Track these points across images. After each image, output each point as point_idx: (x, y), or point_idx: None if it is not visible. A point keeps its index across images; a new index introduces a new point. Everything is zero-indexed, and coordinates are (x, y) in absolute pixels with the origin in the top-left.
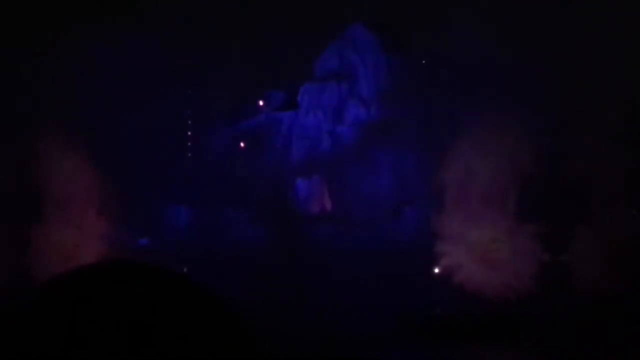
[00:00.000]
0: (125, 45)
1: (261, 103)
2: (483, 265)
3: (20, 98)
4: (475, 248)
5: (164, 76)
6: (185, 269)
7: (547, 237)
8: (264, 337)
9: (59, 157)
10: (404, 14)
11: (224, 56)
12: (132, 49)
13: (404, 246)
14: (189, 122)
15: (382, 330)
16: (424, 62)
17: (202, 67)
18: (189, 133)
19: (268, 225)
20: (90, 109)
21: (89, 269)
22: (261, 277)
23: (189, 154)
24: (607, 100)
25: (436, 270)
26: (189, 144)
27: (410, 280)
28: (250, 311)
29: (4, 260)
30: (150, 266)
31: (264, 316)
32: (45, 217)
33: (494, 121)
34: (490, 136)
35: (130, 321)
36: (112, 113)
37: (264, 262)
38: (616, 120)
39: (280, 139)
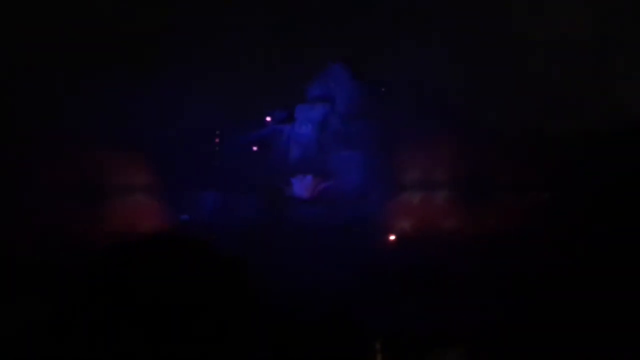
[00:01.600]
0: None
1: (268, 119)
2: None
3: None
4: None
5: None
6: (213, 237)
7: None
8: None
9: (120, 156)
10: (363, 50)
11: (245, 88)
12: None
13: (368, 221)
14: (217, 132)
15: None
16: (382, 89)
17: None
18: (217, 140)
19: (267, 206)
20: (145, 118)
21: (149, 236)
22: (257, 243)
23: (217, 155)
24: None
25: (391, 237)
26: (217, 148)
27: (370, 244)
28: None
29: (86, 229)
30: (189, 238)
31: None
32: (112, 201)
33: (430, 129)
34: (426, 140)
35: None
36: (161, 121)
37: (261, 233)
38: None
39: (282, 144)
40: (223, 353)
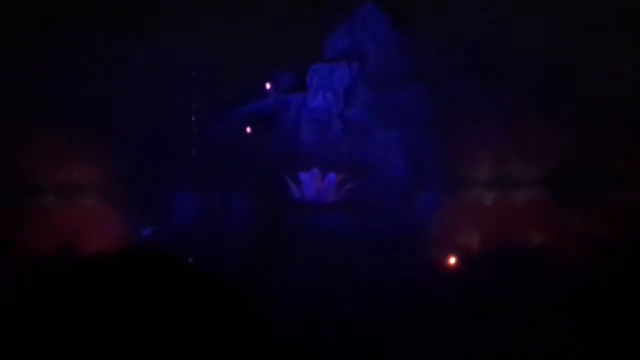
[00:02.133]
0: (128, 33)
1: (268, 86)
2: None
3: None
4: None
5: (166, 59)
6: (190, 260)
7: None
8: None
9: (57, 142)
10: None
11: (229, 37)
12: (135, 39)
13: (415, 233)
14: (194, 106)
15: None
16: (438, 41)
17: (207, 50)
18: (194, 118)
19: (264, 214)
20: (91, 92)
21: (106, 258)
22: (253, 268)
23: (195, 139)
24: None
25: (450, 258)
26: (195, 129)
27: (419, 269)
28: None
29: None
30: (161, 257)
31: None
32: (47, 204)
33: (512, 104)
34: (509, 121)
35: (142, 307)
36: (114, 97)
37: (258, 252)
38: None
39: (288, 123)
40: None
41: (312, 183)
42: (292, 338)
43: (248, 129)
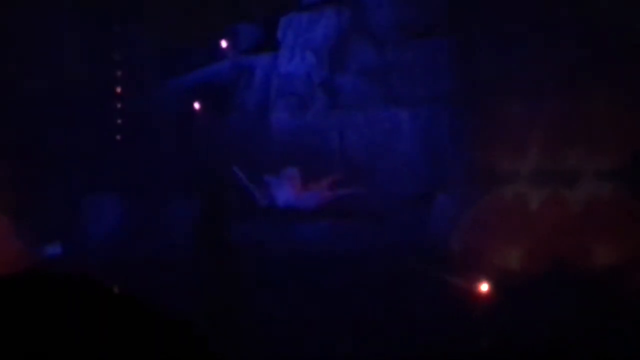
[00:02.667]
0: None
1: (224, 44)
2: None
3: None
4: None
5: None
6: (114, 288)
7: None
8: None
9: None
10: None
11: None
12: None
13: (430, 250)
14: (117, 74)
15: None
16: None
17: None
18: (118, 90)
19: (222, 224)
20: None
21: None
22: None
23: (118, 121)
24: None
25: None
26: (118, 106)
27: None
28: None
29: None
30: (72, 279)
31: None
32: None
33: (571, 68)
34: (566, 92)
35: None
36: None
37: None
38: None
39: (253, 95)
40: None
41: (287, 185)
42: None
43: (195, 106)
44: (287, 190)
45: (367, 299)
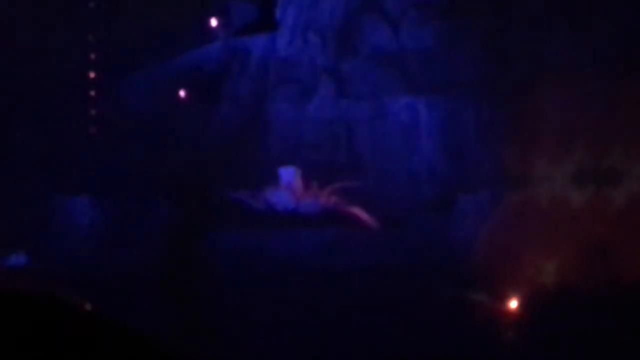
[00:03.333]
0: None
1: (214, 22)
2: None
3: None
4: None
5: None
6: (86, 304)
7: None
8: None
9: None
10: None
11: None
12: None
13: (451, 260)
14: (91, 57)
15: None
16: None
17: None
18: (92, 76)
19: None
20: None
21: None
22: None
23: (93, 112)
24: None
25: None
26: (93, 94)
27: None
28: None
29: None
30: (46, 297)
31: None
32: None
33: (610, 56)
34: (605, 83)
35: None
36: None
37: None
38: None
39: (248, 83)
40: None
41: (285, 189)
42: None
43: (181, 94)
44: (285, 195)
45: (374, 317)
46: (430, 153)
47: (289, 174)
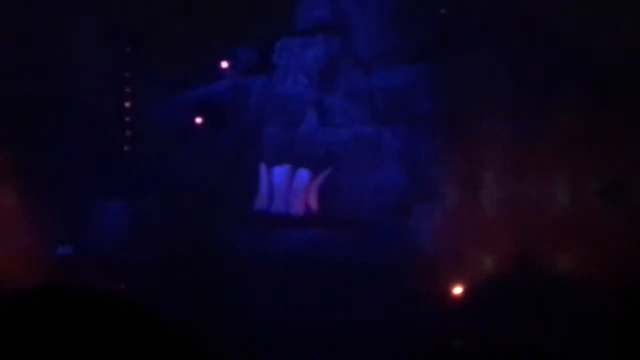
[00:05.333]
0: None
1: (224, 65)
2: None
3: None
4: None
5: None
6: (122, 285)
7: None
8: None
9: None
10: None
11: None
12: None
13: (406, 254)
14: (127, 90)
15: None
16: (443, 11)
17: (146, 17)
18: (127, 105)
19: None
20: None
21: (23, 295)
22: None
23: (127, 133)
24: None
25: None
26: (127, 119)
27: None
28: None
29: None
30: (86, 291)
31: None
32: None
33: (545, 93)
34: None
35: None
36: (14, 83)
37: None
38: None
39: (249, 113)
40: None
41: (282, 180)
42: None
43: (197, 121)
44: (281, 185)
45: (348, 301)
46: (393, 170)
47: (282, 172)
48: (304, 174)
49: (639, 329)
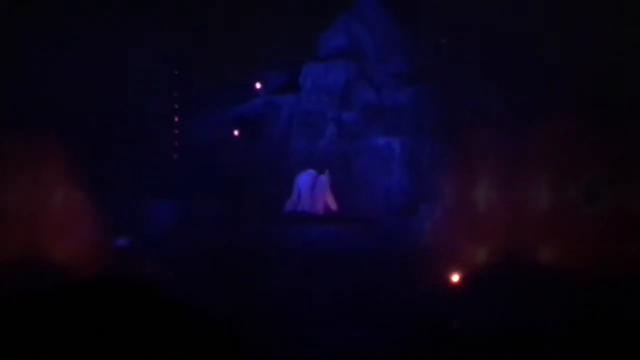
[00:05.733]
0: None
1: (257, 86)
2: None
3: None
4: None
5: (140, 55)
6: (170, 274)
7: None
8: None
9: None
10: None
11: (214, 31)
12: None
13: (413, 248)
14: (175, 106)
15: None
16: (444, 40)
17: (188, 44)
18: (175, 119)
19: (258, 224)
20: (55, 91)
21: (80, 285)
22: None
23: (174, 143)
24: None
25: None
26: (175, 131)
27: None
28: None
29: None
30: (138, 283)
31: None
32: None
33: (529, 107)
34: (526, 126)
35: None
36: (80, 97)
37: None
38: None
39: (279, 126)
40: None
41: (306, 184)
42: None
43: (234, 133)
44: (305, 189)
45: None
46: (400, 175)
47: (306, 177)
48: (324, 178)
49: (615, 311)
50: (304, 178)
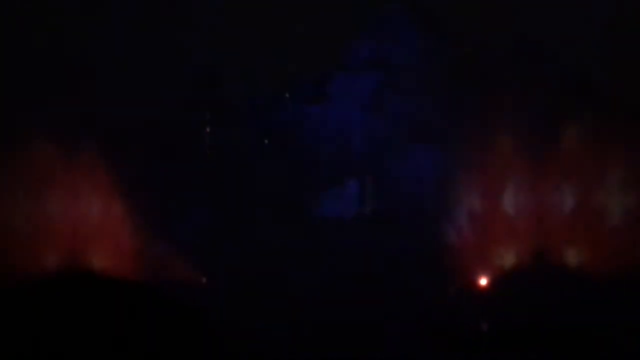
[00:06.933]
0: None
1: (287, 95)
2: None
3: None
4: None
5: (177, 65)
6: (204, 279)
7: None
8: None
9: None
10: None
11: (245, 42)
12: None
13: (437, 248)
14: (207, 116)
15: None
16: (470, 49)
17: (220, 55)
18: (207, 129)
19: (290, 229)
20: (91, 101)
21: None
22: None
23: (208, 152)
24: None
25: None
26: (207, 140)
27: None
28: None
29: None
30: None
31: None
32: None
33: (550, 115)
34: (544, 134)
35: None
36: (116, 106)
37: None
38: None
39: (309, 135)
40: None
41: (336, 188)
42: None
43: (265, 141)
44: (338, 202)
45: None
46: (425, 179)
47: (336, 181)
48: (353, 182)
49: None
50: (334, 182)
